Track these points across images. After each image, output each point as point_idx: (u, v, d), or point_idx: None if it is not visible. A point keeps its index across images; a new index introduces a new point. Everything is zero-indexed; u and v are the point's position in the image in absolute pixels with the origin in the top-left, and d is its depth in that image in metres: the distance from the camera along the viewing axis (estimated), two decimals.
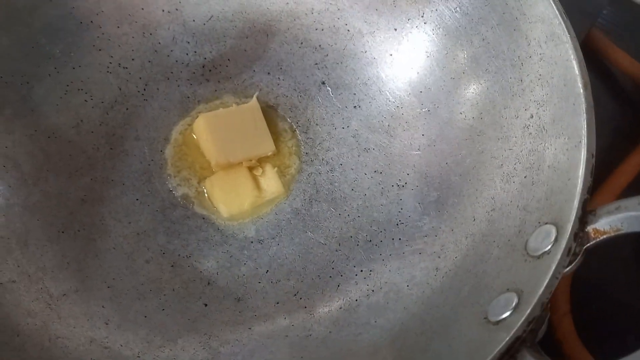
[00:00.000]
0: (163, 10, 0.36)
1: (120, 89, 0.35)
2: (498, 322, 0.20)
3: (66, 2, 0.34)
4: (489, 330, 0.20)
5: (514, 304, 0.21)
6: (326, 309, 0.28)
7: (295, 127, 0.35)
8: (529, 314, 0.19)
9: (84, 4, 0.34)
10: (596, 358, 0.29)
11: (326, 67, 0.36)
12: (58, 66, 0.34)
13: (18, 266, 0.28)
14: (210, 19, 0.37)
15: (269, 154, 0.34)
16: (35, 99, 0.33)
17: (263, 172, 0.33)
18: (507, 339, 0.19)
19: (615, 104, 0.40)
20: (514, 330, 0.19)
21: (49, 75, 0.33)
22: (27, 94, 0.32)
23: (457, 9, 0.32)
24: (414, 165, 0.32)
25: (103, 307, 0.28)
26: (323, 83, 0.36)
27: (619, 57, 0.39)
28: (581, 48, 0.25)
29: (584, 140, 0.23)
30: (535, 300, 0.20)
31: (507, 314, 0.20)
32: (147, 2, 0.36)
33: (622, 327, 0.31)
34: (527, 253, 0.22)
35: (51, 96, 0.33)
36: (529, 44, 0.28)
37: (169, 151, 0.34)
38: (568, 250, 0.20)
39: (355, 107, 0.35)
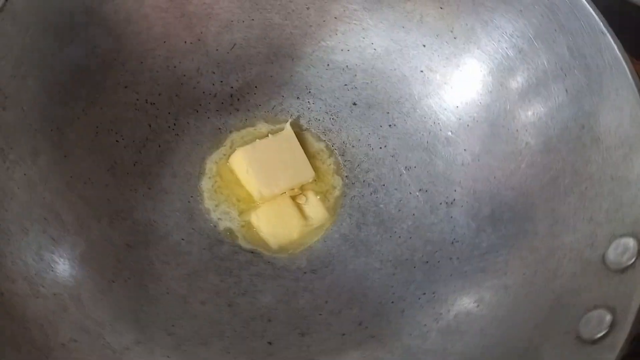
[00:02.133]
0: (185, 42, 0.35)
1: (150, 126, 0.34)
2: (595, 342, 0.21)
3: (87, 41, 0.33)
4: (588, 351, 0.20)
5: (608, 321, 0.21)
6: (395, 337, 0.28)
7: (332, 146, 0.35)
8: (631, 330, 0.20)
9: (105, 42, 0.33)
10: None
11: (356, 87, 0.36)
12: (85, 108, 0.32)
13: (75, 323, 0.26)
14: (233, 47, 0.36)
15: (310, 180, 0.34)
16: (67, 144, 0.31)
17: (307, 200, 0.33)
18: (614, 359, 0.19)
19: None
20: (619, 349, 0.19)
21: (78, 118, 0.32)
22: (58, 139, 0.31)
23: (489, 22, 0.32)
24: (460, 182, 0.32)
25: (168, 357, 0.27)
26: (354, 104, 0.36)
27: None
28: None
29: None
30: (632, 316, 0.20)
31: (604, 332, 0.20)
32: (169, 34, 0.35)
33: None
34: (608, 267, 0.22)
35: (82, 139, 0.32)
36: (572, 55, 0.28)
37: (206, 185, 0.33)
38: None
39: (390, 125, 0.35)
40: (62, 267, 0.28)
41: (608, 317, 0.21)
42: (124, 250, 0.30)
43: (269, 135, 0.34)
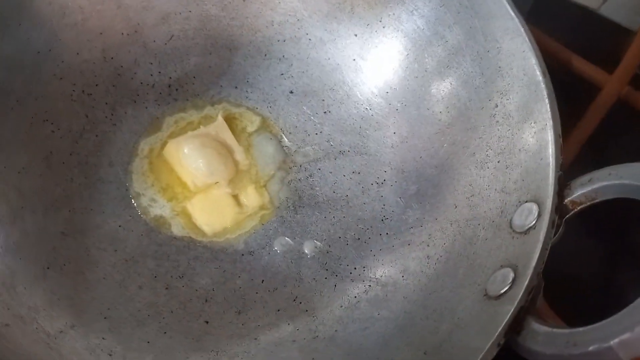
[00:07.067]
0: (122, 34, 0.36)
1: (87, 117, 0.34)
2: (499, 297, 0.22)
3: (20, 35, 0.33)
4: (493, 305, 0.22)
5: (510, 278, 0.22)
6: (327, 310, 0.29)
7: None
8: (528, 284, 0.21)
9: (39, 35, 0.33)
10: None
11: (292, 76, 0.37)
12: (20, 99, 0.32)
13: (8, 309, 0.27)
14: (171, 38, 0.37)
15: (244, 168, 0.34)
16: (0, 134, 0.31)
17: (241, 187, 0.34)
18: (512, 310, 0.21)
19: None
20: (517, 300, 0.21)
21: (12, 109, 0.32)
22: None
23: (414, 11, 0.33)
24: (390, 163, 0.33)
25: (103, 338, 0.27)
26: (291, 92, 0.37)
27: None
28: None
29: (550, 123, 0.25)
30: (531, 271, 0.22)
31: (506, 288, 0.22)
32: (105, 26, 0.35)
33: (592, 297, 0.33)
34: (514, 230, 0.24)
35: (16, 130, 0.32)
36: (486, 39, 0.30)
37: (143, 174, 0.34)
38: (552, 223, 0.22)
39: (325, 112, 0.36)
40: None
41: (511, 275, 0.22)
42: (59, 239, 0.30)
43: (201, 126, 0.35)
